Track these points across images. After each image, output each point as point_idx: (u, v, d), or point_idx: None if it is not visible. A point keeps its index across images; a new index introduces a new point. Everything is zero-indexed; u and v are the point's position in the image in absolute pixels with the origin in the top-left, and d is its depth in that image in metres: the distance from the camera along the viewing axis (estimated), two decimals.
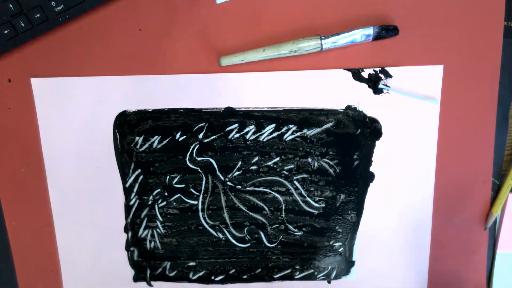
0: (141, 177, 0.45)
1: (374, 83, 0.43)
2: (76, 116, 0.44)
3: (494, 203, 0.46)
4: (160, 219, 0.46)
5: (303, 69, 0.43)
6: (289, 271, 0.48)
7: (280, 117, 0.44)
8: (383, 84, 0.43)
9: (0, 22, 0.39)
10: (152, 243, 0.47)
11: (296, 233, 0.47)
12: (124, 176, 0.45)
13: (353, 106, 0.44)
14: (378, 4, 0.42)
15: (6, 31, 0.40)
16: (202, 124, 0.44)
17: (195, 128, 0.44)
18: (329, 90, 0.43)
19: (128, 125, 0.44)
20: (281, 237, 0.47)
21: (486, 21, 0.42)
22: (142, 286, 0.48)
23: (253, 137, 0.44)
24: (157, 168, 0.45)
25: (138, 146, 0.45)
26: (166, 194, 0.46)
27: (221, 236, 0.47)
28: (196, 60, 0.43)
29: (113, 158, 0.45)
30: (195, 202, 0.46)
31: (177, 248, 0.47)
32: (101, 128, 0.44)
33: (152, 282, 0.48)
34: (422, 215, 0.46)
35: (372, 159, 0.45)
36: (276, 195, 0.46)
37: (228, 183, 0.46)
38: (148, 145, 0.45)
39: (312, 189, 0.46)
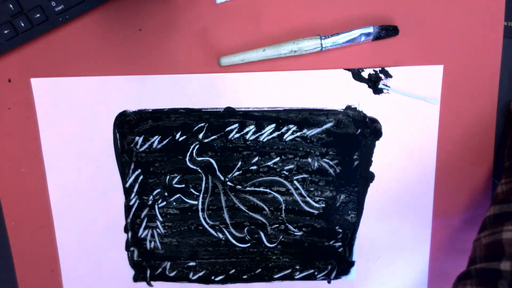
0: (141, 177, 0.45)
1: (374, 83, 0.43)
2: (76, 116, 0.44)
3: None
4: (160, 219, 0.46)
5: (303, 69, 0.43)
6: (289, 271, 0.48)
7: (280, 117, 0.44)
8: (383, 84, 0.43)
9: (0, 22, 0.39)
10: (152, 243, 0.47)
11: (296, 233, 0.47)
12: (124, 176, 0.45)
13: (353, 106, 0.44)
14: (378, 4, 0.42)
15: (6, 31, 0.40)
16: (202, 124, 0.44)
17: (195, 128, 0.44)
18: (329, 90, 0.43)
19: (128, 125, 0.44)
20: (281, 237, 0.47)
21: (486, 21, 0.42)
22: (142, 286, 0.48)
23: (253, 137, 0.44)
24: (157, 168, 0.45)
25: (138, 146, 0.45)
26: (166, 194, 0.46)
27: (221, 236, 0.47)
28: (196, 60, 0.43)
29: (113, 158, 0.45)
30: (195, 202, 0.46)
31: (177, 248, 0.47)
32: (101, 128, 0.44)
33: (152, 282, 0.48)
34: (422, 215, 0.46)
35: (372, 159, 0.45)
36: (276, 195, 0.46)
37: (228, 183, 0.46)
38: (148, 145, 0.45)
39: (312, 189, 0.46)
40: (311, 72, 0.43)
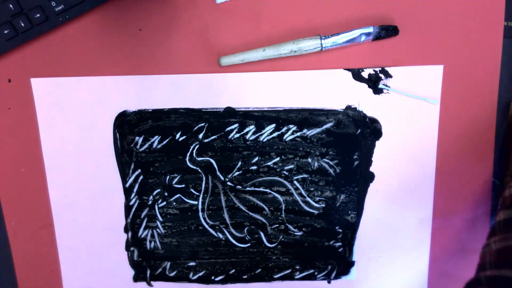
0: (141, 177, 0.45)
1: (374, 83, 0.43)
2: (76, 116, 0.44)
3: None
4: (160, 219, 0.46)
5: (303, 69, 0.43)
6: (289, 271, 0.48)
7: (280, 117, 0.44)
8: (383, 84, 0.43)
9: (0, 22, 0.39)
10: (152, 243, 0.47)
11: (296, 233, 0.47)
12: (124, 176, 0.45)
13: (353, 106, 0.44)
14: (378, 4, 0.42)
15: (6, 31, 0.40)
16: (202, 124, 0.44)
17: (195, 128, 0.44)
18: (329, 90, 0.43)
19: (128, 125, 0.44)
20: (281, 237, 0.47)
21: (486, 21, 0.42)
22: (142, 286, 0.48)
23: (253, 137, 0.44)
24: (157, 168, 0.45)
25: (138, 146, 0.45)
26: (166, 194, 0.46)
27: (221, 236, 0.47)
28: (196, 60, 0.43)
29: (113, 158, 0.45)
30: (195, 202, 0.46)
31: (177, 248, 0.47)
32: (101, 128, 0.44)
33: (152, 282, 0.48)
34: (422, 215, 0.46)
35: (372, 159, 0.45)
36: (276, 195, 0.46)
37: (228, 183, 0.46)
38: (148, 145, 0.45)
39: (312, 189, 0.46)
40: (311, 72, 0.43)
